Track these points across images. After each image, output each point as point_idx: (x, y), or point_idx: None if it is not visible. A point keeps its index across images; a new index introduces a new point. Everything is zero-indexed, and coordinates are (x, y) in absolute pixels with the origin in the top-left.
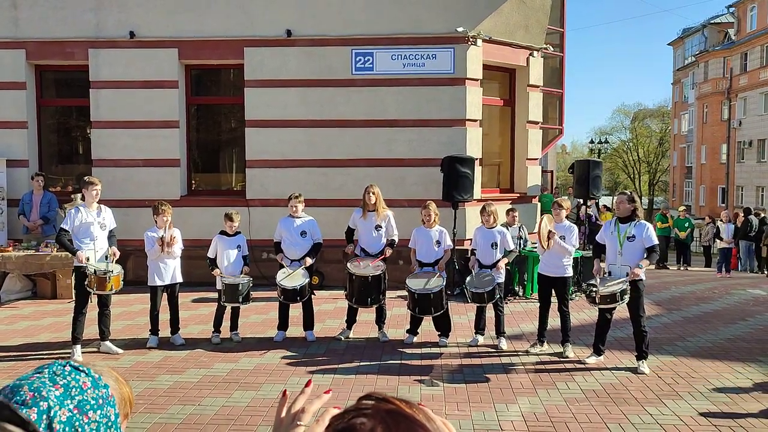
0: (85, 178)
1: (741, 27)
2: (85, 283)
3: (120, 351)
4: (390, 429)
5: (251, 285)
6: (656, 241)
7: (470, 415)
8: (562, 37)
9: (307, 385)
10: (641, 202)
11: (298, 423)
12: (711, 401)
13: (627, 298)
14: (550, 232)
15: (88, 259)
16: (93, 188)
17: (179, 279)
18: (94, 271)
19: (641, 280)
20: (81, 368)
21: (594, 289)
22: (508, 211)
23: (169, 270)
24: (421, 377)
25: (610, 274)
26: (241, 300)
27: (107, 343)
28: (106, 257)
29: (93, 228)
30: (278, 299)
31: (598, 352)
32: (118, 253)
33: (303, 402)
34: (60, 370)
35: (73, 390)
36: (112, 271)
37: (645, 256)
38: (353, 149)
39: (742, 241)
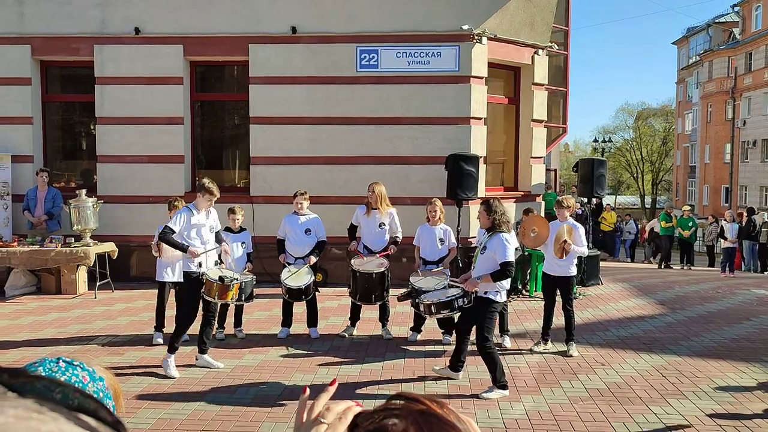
0: (207, 183)
1: (746, 26)
2: (203, 290)
3: (221, 365)
4: (422, 430)
5: (254, 283)
6: (509, 258)
7: (474, 413)
8: (567, 36)
9: (332, 383)
10: (644, 201)
11: (321, 420)
12: (715, 401)
13: (449, 312)
14: (565, 242)
15: (200, 265)
16: (211, 198)
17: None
18: (221, 279)
19: (489, 299)
20: (75, 363)
21: (419, 296)
22: (525, 211)
23: (178, 267)
24: (424, 375)
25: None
26: (243, 298)
27: (206, 356)
28: (216, 263)
29: (204, 230)
30: (283, 297)
31: (455, 369)
32: (229, 250)
33: (326, 400)
34: (56, 367)
35: (76, 385)
36: (236, 279)
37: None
38: (358, 147)
39: (745, 240)
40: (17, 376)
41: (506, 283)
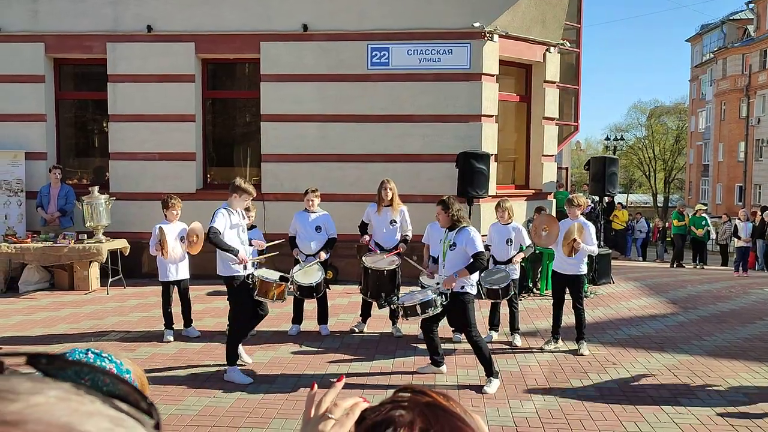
0: (243, 184)
1: (760, 23)
2: (257, 293)
3: (250, 360)
4: (429, 421)
5: None
6: (480, 248)
7: (484, 411)
8: (579, 33)
9: (339, 380)
10: (656, 200)
11: (329, 416)
12: (728, 400)
13: (433, 310)
14: (574, 240)
15: (245, 267)
16: (248, 197)
17: (186, 275)
18: (282, 278)
19: (467, 292)
20: (103, 354)
21: (398, 301)
22: (537, 209)
23: (177, 266)
24: (434, 372)
25: (438, 284)
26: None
27: (240, 348)
28: (254, 264)
29: (240, 231)
30: (293, 294)
31: (435, 363)
32: (265, 244)
33: (333, 396)
34: (84, 358)
35: (112, 371)
36: (292, 278)
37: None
38: (368, 144)
39: (759, 240)
40: (54, 361)
41: (475, 276)
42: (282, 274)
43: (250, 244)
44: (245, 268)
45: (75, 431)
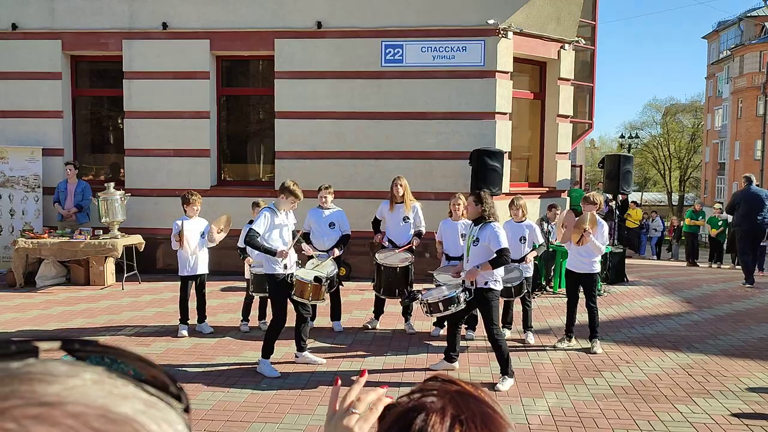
0: (292, 186)
1: None
2: (294, 293)
3: (323, 361)
4: (460, 408)
5: None
6: (503, 244)
7: None
8: (594, 30)
9: (362, 374)
10: (671, 198)
11: (353, 411)
12: (743, 400)
13: (456, 307)
14: (585, 230)
15: (285, 267)
16: (295, 201)
17: (205, 270)
18: (317, 279)
19: (491, 289)
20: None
21: (421, 297)
22: (549, 207)
23: (197, 261)
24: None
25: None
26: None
27: (306, 353)
28: (297, 262)
29: (285, 231)
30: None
31: (450, 359)
32: (310, 251)
33: (358, 391)
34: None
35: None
36: (329, 276)
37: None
38: (382, 141)
39: None
40: (87, 346)
41: (501, 271)
42: (317, 275)
43: (301, 251)
44: (286, 267)
45: (111, 412)
